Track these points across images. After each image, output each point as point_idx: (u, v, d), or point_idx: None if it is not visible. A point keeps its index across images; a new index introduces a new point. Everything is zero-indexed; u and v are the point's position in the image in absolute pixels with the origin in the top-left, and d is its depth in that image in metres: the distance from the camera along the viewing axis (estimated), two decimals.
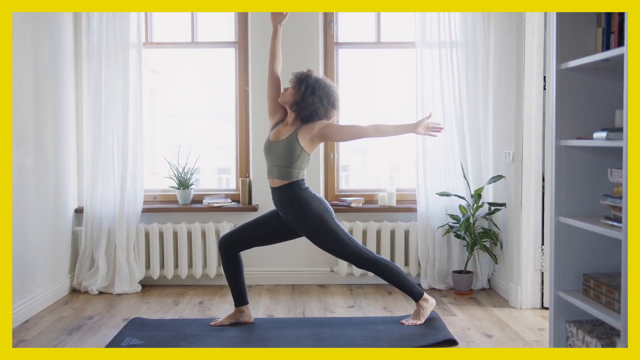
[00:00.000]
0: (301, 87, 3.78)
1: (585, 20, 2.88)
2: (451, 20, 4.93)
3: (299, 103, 3.77)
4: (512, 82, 4.51)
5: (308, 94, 3.75)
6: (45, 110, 4.50)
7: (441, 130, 3.99)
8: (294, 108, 3.81)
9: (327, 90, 3.80)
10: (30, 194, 4.27)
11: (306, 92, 3.76)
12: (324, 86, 3.80)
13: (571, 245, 2.95)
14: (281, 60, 4.05)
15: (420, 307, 3.95)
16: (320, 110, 3.79)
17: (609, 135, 2.59)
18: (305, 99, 3.76)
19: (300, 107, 3.78)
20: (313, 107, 3.76)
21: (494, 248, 4.89)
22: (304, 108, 3.76)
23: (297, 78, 3.83)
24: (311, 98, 3.75)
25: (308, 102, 3.75)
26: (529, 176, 4.37)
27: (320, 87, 3.78)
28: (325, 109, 3.80)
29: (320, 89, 3.77)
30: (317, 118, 3.80)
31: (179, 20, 5.29)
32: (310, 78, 3.80)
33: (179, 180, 5.17)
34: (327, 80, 3.87)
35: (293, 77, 3.86)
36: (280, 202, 3.84)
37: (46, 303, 4.49)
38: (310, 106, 3.76)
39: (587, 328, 2.85)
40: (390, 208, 5.10)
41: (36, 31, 4.35)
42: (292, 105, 3.82)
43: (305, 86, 3.77)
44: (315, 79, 3.80)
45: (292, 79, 3.86)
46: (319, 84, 3.79)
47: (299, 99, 3.77)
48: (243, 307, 4.00)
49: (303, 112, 3.78)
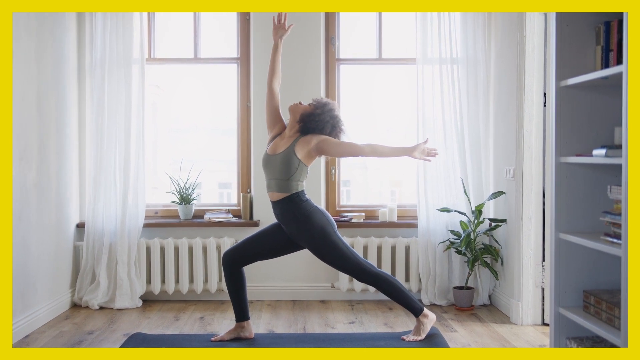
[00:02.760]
0: (318, 107, 3.86)
1: (585, 38, 2.91)
2: (452, 36, 4.96)
3: (311, 116, 3.84)
4: (512, 99, 4.53)
5: (319, 113, 3.84)
6: (48, 126, 4.53)
7: (436, 155, 4.01)
8: (302, 119, 3.86)
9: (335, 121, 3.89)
10: (33, 209, 4.28)
11: (322, 113, 3.84)
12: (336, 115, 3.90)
13: (571, 261, 2.96)
14: (280, 76, 4.08)
15: (421, 322, 3.95)
16: (327, 128, 3.84)
17: (609, 152, 2.60)
18: (317, 115, 3.83)
19: (309, 119, 3.83)
20: (322, 124, 3.82)
21: (495, 264, 4.90)
22: (313, 121, 3.82)
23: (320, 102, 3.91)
24: (323, 116, 3.83)
25: (320, 119, 3.83)
26: (530, 192, 4.39)
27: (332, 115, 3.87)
28: (327, 130, 3.86)
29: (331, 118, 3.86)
30: (318, 132, 3.84)
31: (182, 36, 5.33)
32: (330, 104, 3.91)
33: (180, 195, 5.18)
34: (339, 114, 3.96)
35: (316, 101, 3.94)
36: (282, 215, 3.85)
37: (47, 318, 4.49)
38: (320, 122, 3.82)
39: (588, 344, 2.85)
40: (391, 224, 5.11)
41: (40, 47, 4.39)
42: (302, 116, 3.87)
43: (322, 109, 3.86)
44: (333, 107, 3.90)
45: (314, 101, 3.94)
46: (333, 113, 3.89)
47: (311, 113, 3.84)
48: (244, 323, 3.99)
49: (310, 125, 3.83)
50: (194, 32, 5.28)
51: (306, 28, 5.09)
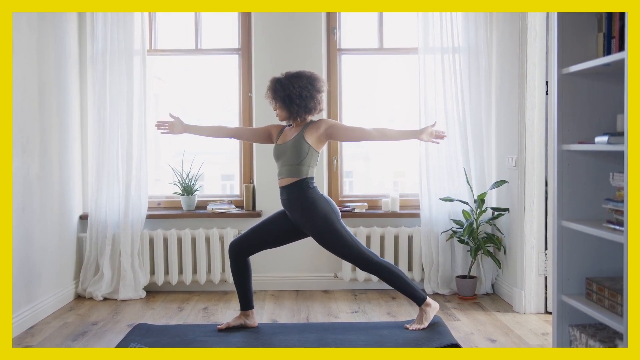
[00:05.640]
0: (278, 101, 3.84)
1: (587, 25, 2.90)
2: (454, 25, 4.95)
3: (292, 113, 3.84)
4: (514, 87, 4.52)
5: (288, 101, 3.81)
6: (50, 117, 4.53)
7: (444, 137, 4.03)
8: (292, 118, 3.88)
9: (298, 83, 3.81)
10: (36, 201, 4.30)
11: (286, 101, 3.81)
12: (292, 82, 3.82)
13: (574, 249, 2.96)
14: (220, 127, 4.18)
15: (424, 311, 3.96)
16: (310, 102, 3.83)
17: (611, 140, 2.60)
18: (291, 105, 3.81)
19: (296, 114, 3.84)
20: (304, 105, 3.81)
21: (498, 253, 4.90)
22: (299, 111, 3.82)
23: (271, 96, 3.87)
24: (294, 101, 3.80)
25: (295, 105, 3.80)
26: (532, 181, 4.38)
27: (290, 86, 3.80)
28: (312, 96, 3.83)
29: (293, 88, 3.79)
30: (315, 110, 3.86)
31: (183, 27, 5.32)
32: (277, 87, 3.83)
33: (183, 187, 5.19)
34: (290, 73, 3.87)
35: (267, 97, 3.91)
36: (288, 200, 3.87)
37: (51, 309, 4.51)
38: (301, 106, 3.81)
39: (591, 332, 2.86)
40: (394, 213, 5.12)
41: (41, 38, 4.39)
42: (289, 118, 3.89)
43: (280, 98, 3.82)
44: (281, 85, 3.82)
45: (268, 99, 3.92)
46: (286, 85, 3.80)
47: (288, 112, 3.84)
48: (249, 312, 4.02)
49: (302, 115, 3.84)
50: (195, 23, 5.27)
51: (307, 18, 5.08)
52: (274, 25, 5.09)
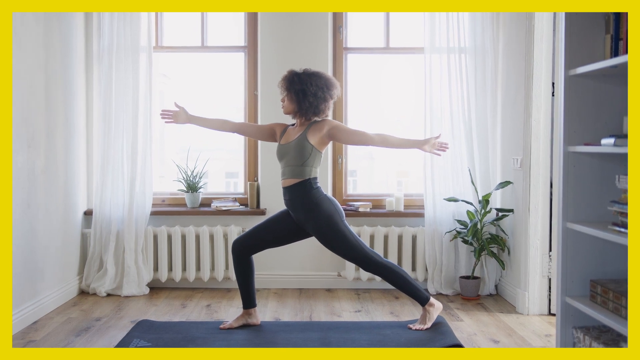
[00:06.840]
0: (291, 93, 3.82)
1: (594, 27, 2.89)
2: (460, 26, 4.94)
3: (301, 109, 3.83)
4: (520, 88, 4.51)
5: (302, 96, 3.79)
6: (56, 113, 4.54)
7: (447, 149, 4.03)
8: (298, 114, 3.87)
9: (316, 82, 3.81)
10: (41, 196, 4.31)
11: (299, 95, 3.80)
12: (310, 79, 3.81)
13: (578, 251, 2.95)
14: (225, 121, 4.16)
15: (427, 311, 3.96)
16: (322, 104, 3.83)
17: (617, 142, 2.59)
18: (303, 101, 3.80)
19: (304, 112, 3.83)
20: (315, 105, 3.81)
21: (502, 254, 4.89)
22: (308, 109, 3.81)
23: (285, 86, 3.85)
24: (308, 98, 3.79)
25: (308, 102, 3.80)
26: (537, 182, 4.37)
27: (309, 82, 3.79)
28: (325, 98, 3.83)
29: (310, 85, 3.79)
30: (323, 114, 3.86)
31: (189, 25, 5.32)
32: (295, 80, 3.82)
33: (187, 184, 5.19)
34: (309, 70, 3.87)
35: (280, 85, 3.88)
36: (291, 201, 3.86)
37: (55, 304, 4.52)
38: (312, 105, 3.80)
39: (594, 334, 2.85)
40: (398, 213, 5.11)
41: (47, 34, 4.39)
42: (296, 113, 3.87)
43: (294, 91, 3.81)
44: (299, 79, 3.81)
45: (280, 87, 3.89)
46: (305, 81, 3.80)
47: (297, 106, 3.83)
48: (251, 310, 4.02)
49: (309, 114, 3.84)
50: (202, 20, 5.27)
51: (314, 16, 5.08)
52: (280, 23, 5.09)
